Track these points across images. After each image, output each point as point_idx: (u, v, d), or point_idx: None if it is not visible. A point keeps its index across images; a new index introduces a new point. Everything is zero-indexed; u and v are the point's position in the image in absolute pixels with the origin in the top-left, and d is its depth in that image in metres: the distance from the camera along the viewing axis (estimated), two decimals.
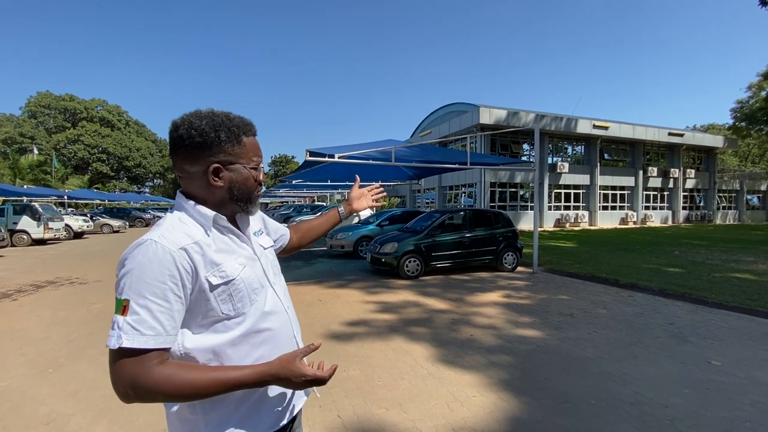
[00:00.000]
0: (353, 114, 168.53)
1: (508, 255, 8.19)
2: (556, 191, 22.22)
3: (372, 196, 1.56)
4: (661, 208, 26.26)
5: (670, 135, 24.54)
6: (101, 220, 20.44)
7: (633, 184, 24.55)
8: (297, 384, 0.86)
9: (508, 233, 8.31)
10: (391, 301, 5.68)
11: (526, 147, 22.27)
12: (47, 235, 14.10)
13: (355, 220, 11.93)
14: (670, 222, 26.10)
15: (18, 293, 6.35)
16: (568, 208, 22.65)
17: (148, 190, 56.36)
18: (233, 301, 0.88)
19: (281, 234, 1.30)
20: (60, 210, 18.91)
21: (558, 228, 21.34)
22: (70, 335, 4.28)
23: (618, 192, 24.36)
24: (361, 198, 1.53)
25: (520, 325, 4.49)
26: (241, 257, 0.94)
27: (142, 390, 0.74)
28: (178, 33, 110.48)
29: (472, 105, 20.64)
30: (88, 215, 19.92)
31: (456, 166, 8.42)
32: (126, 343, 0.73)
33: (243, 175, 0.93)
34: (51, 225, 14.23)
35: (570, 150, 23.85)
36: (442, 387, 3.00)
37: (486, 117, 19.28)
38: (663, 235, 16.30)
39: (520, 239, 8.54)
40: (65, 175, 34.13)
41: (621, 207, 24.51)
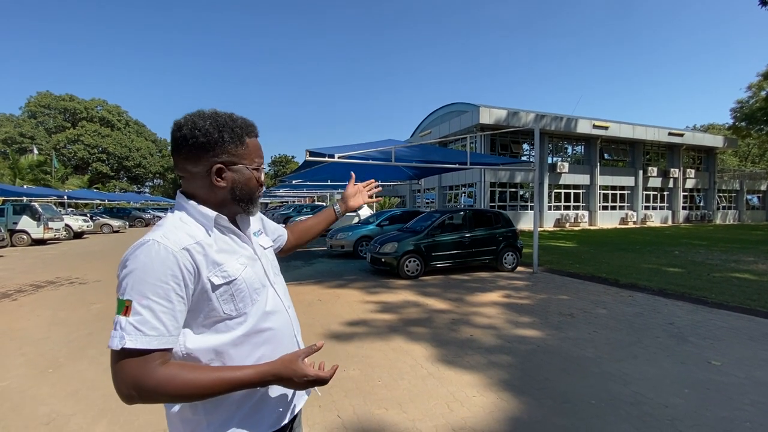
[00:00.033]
0: (353, 114, 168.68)
1: (508, 255, 8.20)
2: (556, 191, 22.23)
3: (368, 192, 1.51)
4: (661, 208, 26.27)
5: (670, 135, 24.56)
6: (101, 220, 20.44)
7: (633, 184, 24.56)
8: (299, 384, 0.86)
9: (508, 233, 8.31)
10: (391, 301, 5.68)
11: (526, 147, 22.27)
12: (47, 235, 14.10)
13: (355, 219, 11.91)
14: (670, 222, 26.11)
15: (18, 293, 6.35)
16: (568, 208, 22.66)
17: (148, 190, 56.39)
18: (235, 301, 0.88)
19: (279, 234, 1.30)
20: (60, 210, 18.89)
21: (558, 228, 21.34)
22: (70, 335, 4.28)
23: (618, 192, 24.37)
24: (357, 195, 1.49)
25: (520, 325, 4.49)
26: (243, 257, 0.94)
27: (144, 391, 0.74)
28: (178, 33, 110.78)
29: (472, 105, 20.64)
30: (88, 215, 19.91)
31: (456, 166, 8.42)
32: (129, 344, 0.73)
33: (245, 176, 0.93)
34: (51, 225, 14.23)
35: (570, 150, 23.85)
36: (442, 387, 3.00)
37: (486, 117, 19.29)
38: (663, 235, 16.30)
39: (520, 239, 8.54)
40: (65, 175, 34.09)
41: (621, 207, 24.51)
